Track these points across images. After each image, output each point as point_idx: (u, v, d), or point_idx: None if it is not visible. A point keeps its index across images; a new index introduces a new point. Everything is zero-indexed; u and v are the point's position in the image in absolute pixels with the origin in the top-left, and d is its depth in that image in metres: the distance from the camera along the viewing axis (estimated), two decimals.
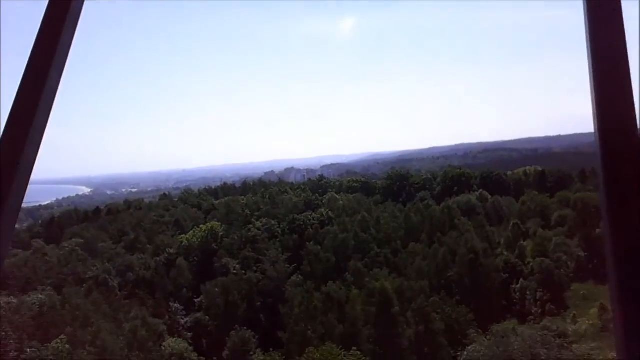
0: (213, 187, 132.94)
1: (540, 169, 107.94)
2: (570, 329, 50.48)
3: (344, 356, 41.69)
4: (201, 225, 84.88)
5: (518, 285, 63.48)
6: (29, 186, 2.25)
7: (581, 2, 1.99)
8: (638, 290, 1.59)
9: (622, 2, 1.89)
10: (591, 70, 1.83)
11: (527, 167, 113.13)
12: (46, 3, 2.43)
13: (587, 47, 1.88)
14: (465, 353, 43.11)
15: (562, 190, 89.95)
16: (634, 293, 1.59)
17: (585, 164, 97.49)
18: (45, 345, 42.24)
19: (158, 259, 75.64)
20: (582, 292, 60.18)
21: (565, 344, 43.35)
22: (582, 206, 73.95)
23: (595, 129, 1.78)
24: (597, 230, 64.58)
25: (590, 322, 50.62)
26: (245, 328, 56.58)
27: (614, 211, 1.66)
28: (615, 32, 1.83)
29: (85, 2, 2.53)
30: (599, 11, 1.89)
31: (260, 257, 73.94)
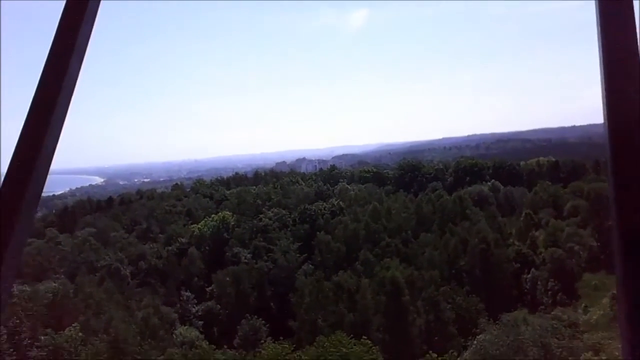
0: (225, 177, 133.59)
1: (553, 159, 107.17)
2: (581, 319, 50.13)
3: (354, 345, 41.70)
4: (213, 215, 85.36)
5: (529, 275, 63.14)
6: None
7: None
8: None
9: None
10: (601, 62, 1.84)
11: (540, 158, 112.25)
12: None
13: (598, 39, 1.89)
14: (475, 342, 42.91)
15: (576, 180, 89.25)
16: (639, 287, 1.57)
17: (600, 155, 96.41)
18: (59, 332, 42.66)
19: (170, 248, 76.25)
20: (593, 282, 59.70)
21: (576, 334, 43.09)
22: (595, 196, 73.11)
23: (604, 121, 1.78)
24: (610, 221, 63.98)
25: (601, 312, 50.16)
26: (255, 316, 56.84)
27: (622, 204, 1.67)
28: (626, 25, 1.84)
29: None
30: (610, 4, 1.90)
31: (271, 246, 74.21)
